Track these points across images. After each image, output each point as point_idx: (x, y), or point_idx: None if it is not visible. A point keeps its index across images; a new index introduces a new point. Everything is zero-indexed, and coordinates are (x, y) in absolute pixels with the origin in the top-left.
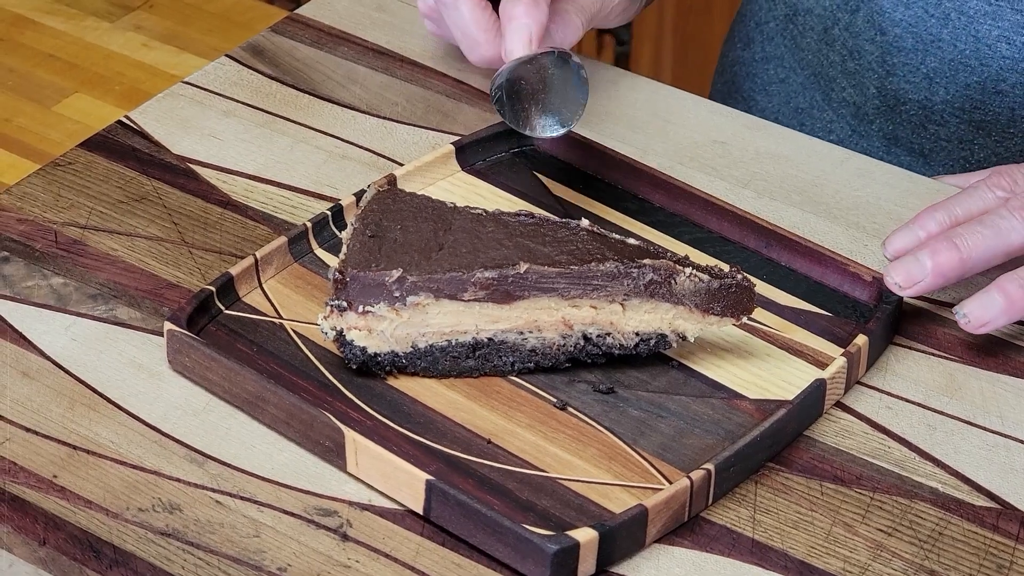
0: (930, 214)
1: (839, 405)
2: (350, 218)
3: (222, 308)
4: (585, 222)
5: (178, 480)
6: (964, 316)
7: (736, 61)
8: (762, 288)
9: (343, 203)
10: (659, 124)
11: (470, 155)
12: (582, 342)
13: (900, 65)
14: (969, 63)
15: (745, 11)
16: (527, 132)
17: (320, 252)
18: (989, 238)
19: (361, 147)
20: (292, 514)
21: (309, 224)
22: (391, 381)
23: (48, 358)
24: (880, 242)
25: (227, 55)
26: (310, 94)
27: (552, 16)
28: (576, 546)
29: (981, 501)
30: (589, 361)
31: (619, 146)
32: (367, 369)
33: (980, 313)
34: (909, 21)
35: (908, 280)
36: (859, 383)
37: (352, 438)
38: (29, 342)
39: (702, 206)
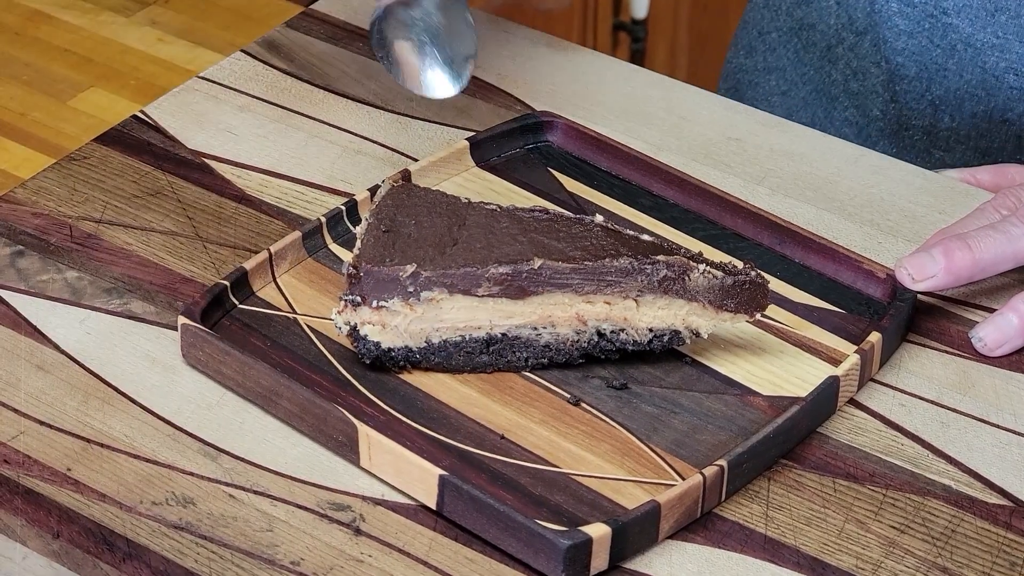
0: (939, 236)
1: (852, 402)
2: (364, 213)
3: (236, 302)
4: (599, 218)
5: (192, 474)
6: (980, 340)
7: (739, 68)
8: (776, 285)
9: (357, 198)
10: (674, 121)
11: (484, 151)
12: (596, 338)
13: (904, 92)
14: (976, 93)
15: (748, 18)
16: (413, 90)
17: (334, 247)
18: (1001, 242)
19: (376, 142)
20: (305, 508)
21: (323, 219)
22: (405, 376)
23: (62, 352)
24: (894, 239)
25: (242, 50)
26: (325, 89)
27: None
28: (589, 541)
29: (994, 498)
30: (603, 357)
31: (633, 142)
32: (381, 364)
33: (996, 336)
34: (913, 50)
35: (920, 273)
36: (872, 380)
37: (365, 433)
38: (44, 336)
39: (716, 203)
